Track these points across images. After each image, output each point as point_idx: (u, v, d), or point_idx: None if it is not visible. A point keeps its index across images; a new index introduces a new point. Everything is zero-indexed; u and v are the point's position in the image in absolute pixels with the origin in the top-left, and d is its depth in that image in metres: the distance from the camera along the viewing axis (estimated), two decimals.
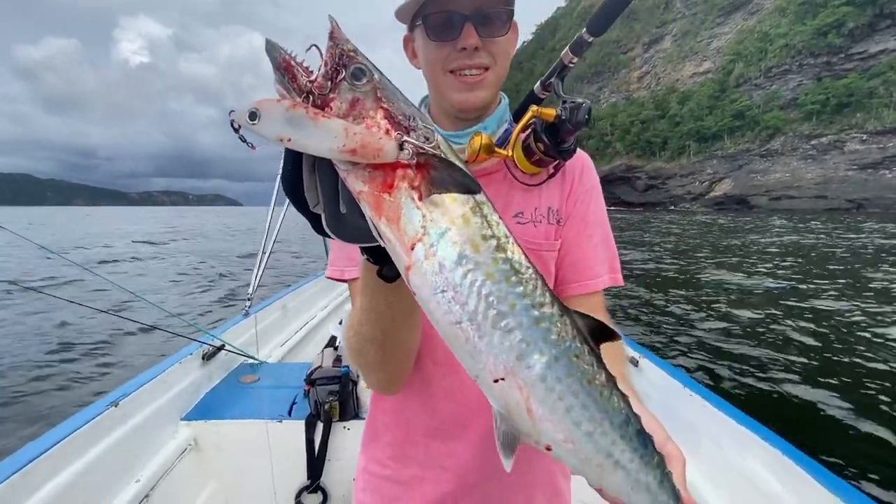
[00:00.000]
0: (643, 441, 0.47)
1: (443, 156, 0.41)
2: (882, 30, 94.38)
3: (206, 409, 1.92)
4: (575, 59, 0.86)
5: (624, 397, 0.47)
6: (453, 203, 0.41)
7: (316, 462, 1.85)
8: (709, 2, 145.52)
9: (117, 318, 2.46)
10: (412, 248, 0.40)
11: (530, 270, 0.44)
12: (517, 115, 0.87)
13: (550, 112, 0.77)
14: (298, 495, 1.88)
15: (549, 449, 0.46)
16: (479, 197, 0.43)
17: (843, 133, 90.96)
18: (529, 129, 0.79)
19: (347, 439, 1.89)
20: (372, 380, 0.82)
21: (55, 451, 1.27)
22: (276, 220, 3.17)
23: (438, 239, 0.40)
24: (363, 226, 0.42)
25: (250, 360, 2.37)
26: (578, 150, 0.86)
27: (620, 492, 0.48)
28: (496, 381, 0.43)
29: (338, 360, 2.09)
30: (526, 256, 0.45)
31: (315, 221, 0.44)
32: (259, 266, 3.00)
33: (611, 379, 0.46)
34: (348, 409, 1.91)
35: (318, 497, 1.88)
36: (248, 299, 2.86)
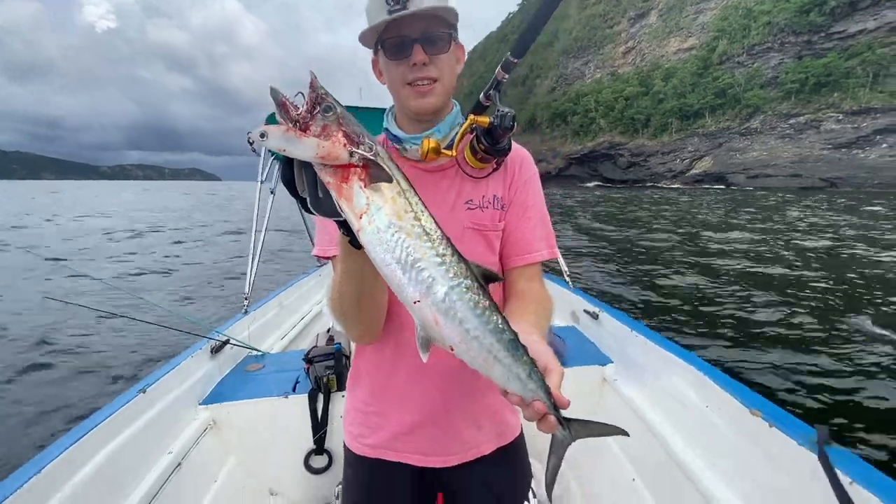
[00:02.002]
0: (515, 346, 0.69)
1: (378, 161, 0.63)
2: (862, 9, 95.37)
3: (220, 394, 2.12)
4: (507, 76, 1.08)
5: (504, 318, 0.70)
6: (387, 190, 0.63)
7: (320, 428, 2.09)
8: None
9: (121, 318, 2.64)
10: (360, 218, 0.63)
11: (438, 233, 0.66)
12: (473, 113, 1.06)
13: (485, 119, 0.96)
14: (307, 458, 2.12)
15: (452, 349, 0.68)
16: (405, 186, 0.65)
17: (820, 112, 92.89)
18: (474, 133, 0.99)
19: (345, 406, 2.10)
20: (353, 332, 1.01)
21: (98, 429, 1.50)
22: (262, 227, 3.34)
23: (376, 212, 0.62)
24: (333, 206, 0.63)
25: (254, 352, 2.58)
26: (516, 145, 1.04)
27: (501, 380, 0.71)
28: (415, 302, 0.65)
29: (330, 339, 2.33)
30: (436, 224, 0.67)
31: (303, 203, 0.66)
32: (251, 267, 3.15)
33: (493, 304, 0.69)
34: (344, 380, 2.07)
35: (325, 458, 2.13)
36: (246, 298, 3.03)
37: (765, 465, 1.29)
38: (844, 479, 1.01)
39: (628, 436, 0.83)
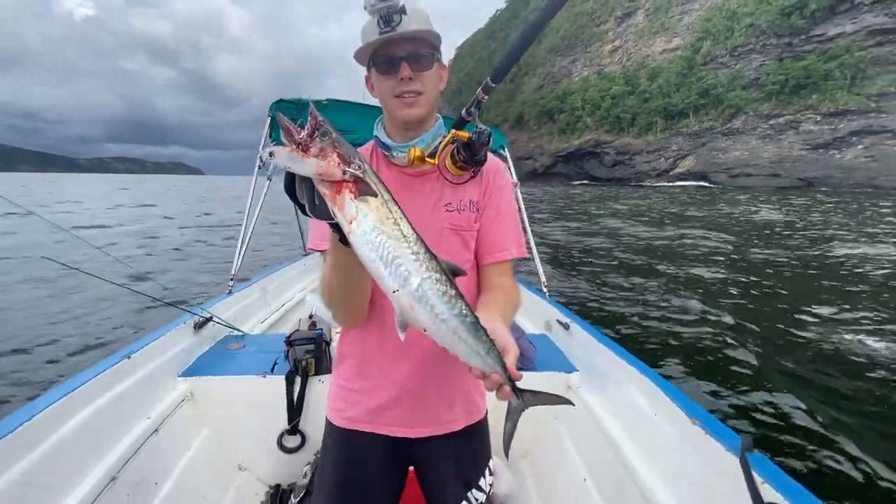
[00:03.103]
0: (476, 328, 0.83)
1: (365, 178, 0.76)
2: (841, 13, 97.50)
3: (200, 368, 2.20)
4: (486, 97, 1.21)
5: (467, 305, 0.83)
6: (372, 201, 0.76)
7: (295, 410, 2.16)
8: None
9: (109, 288, 2.73)
10: (350, 223, 0.76)
11: (414, 235, 0.79)
12: (455, 127, 1.20)
13: (465, 134, 1.10)
14: (280, 438, 2.19)
15: (425, 330, 0.82)
16: (387, 197, 0.79)
17: (799, 114, 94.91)
18: (455, 144, 1.12)
19: (322, 390, 2.17)
20: (339, 317, 1.13)
21: (85, 387, 1.59)
22: (254, 213, 3.40)
23: (363, 218, 0.75)
24: (327, 212, 0.76)
25: (235, 332, 2.66)
26: (492, 157, 1.19)
27: (465, 356, 0.85)
28: (394, 291, 0.78)
29: (312, 324, 2.43)
30: (413, 229, 0.80)
31: (301, 208, 0.79)
32: (240, 250, 3.21)
33: (458, 293, 0.82)
34: (322, 364, 2.20)
35: (298, 439, 2.20)
36: (231, 279, 3.11)
37: (700, 468, 1.43)
38: (758, 480, 1.16)
39: (573, 405, 0.97)
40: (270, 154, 0.73)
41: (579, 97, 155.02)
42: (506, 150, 3.96)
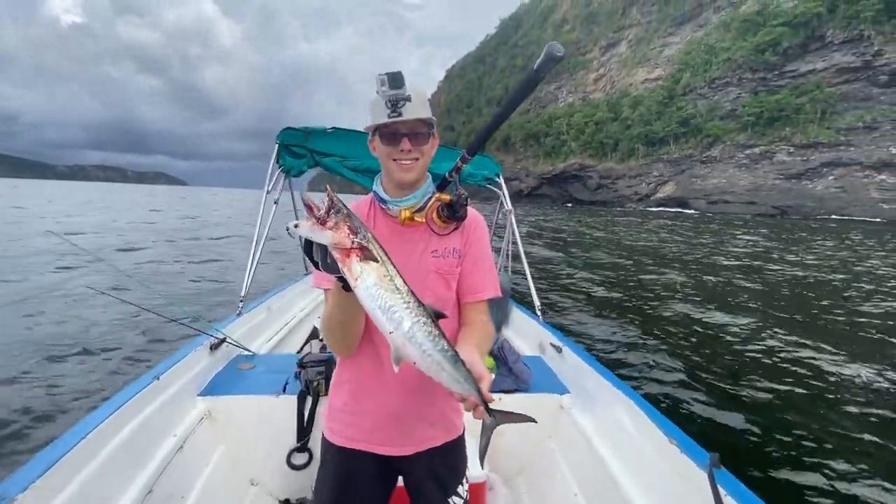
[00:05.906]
0: (455, 360, 1.00)
1: (369, 246, 0.92)
2: (812, 51, 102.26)
3: (216, 387, 2.35)
4: (463, 165, 1.48)
5: (448, 342, 1.00)
6: (374, 263, 0.93)
7: (305, 428, 2.30)
8: (662, 11, 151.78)
9: (125, 311, 2.93)
10: (356, 279, 0.92)
11: (406, 288, 0.96)
12: (440, 186, 1.46)
13: (446, 196, 1.33)
14: (290, 455, 2.33)
15: (414, 363, 0.98)
16: (384, 258, 0.95)
17: (773, 145, 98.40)
18: (439, 204, 1.33)
19: None
20: (335, 348, 1.33)
21: (125, 408, 1.76)
22: (262, 236, 3.55)
23: (366, 276, 0.92)
24: (337, 268, 0.93)
25: (246, 352, 2.81)
26: (472, 211, 1.39)
27: (447, 383, 1.01)
28: (390, 333, 0.95)
29: (323, 347, 2.64)
30: (405, 283, 0.97)
31: (316, 265, 0.96)
32: (249, 273, 3.36)
33: (441, 332, 0.99)
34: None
35: (306, 456, 2.34)
36: (241, 301, 3.25)
37: (674, 482, 1.62)
38: (722, 492, 1.34)
39: (536, 422, 1.15)
40: (295, 226, 0.89)
41: (564, 122, 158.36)
42: (500, 177, 4.07)
